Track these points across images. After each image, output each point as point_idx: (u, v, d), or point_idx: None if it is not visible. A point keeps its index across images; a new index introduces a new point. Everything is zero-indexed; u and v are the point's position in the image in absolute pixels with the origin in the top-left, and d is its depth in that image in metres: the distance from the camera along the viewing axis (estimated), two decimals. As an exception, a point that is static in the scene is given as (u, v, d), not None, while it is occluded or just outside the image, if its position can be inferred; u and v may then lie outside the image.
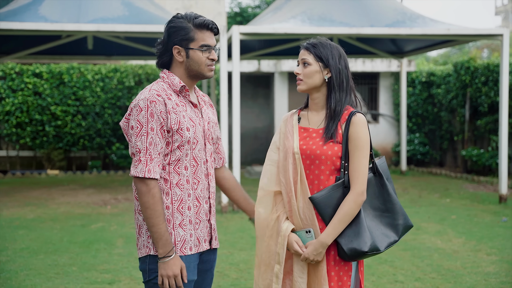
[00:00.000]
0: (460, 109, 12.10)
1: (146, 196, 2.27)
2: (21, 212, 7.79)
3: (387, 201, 2.50)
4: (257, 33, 7.94)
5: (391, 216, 2.50)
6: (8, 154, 12.72)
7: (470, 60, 11.75)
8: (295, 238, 2.43)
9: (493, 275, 4.89)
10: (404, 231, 2.53)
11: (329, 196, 2.40)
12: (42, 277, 4.82)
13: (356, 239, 2.37)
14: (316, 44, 2.51)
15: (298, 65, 2.54)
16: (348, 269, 2.46)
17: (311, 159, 2.44)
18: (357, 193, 2.39)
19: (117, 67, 12.66)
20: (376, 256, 5.48)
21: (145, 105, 2.29)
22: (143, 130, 2.28)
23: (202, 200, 2.45)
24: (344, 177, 2.42)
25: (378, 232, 2.45)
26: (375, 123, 14.02)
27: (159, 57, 2.45)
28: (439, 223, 7.09)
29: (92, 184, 10.74)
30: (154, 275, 2.35)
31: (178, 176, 2.37)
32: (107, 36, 9.38)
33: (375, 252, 2.41)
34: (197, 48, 2.39)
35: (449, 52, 26.24)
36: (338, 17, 8.41)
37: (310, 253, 2.39)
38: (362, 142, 2.42)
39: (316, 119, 2.53)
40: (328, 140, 2.43)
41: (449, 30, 8.26)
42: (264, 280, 2.51)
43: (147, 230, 2.37)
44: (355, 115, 2.45)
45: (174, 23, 2.39)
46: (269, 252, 2.50)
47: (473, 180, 10.78)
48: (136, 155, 2.29)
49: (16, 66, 12.33)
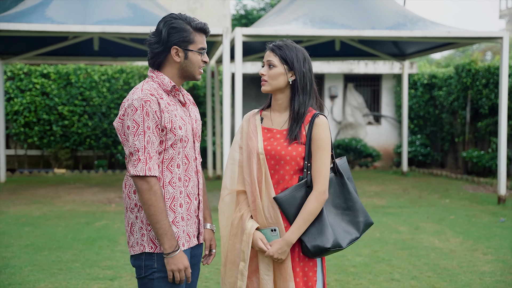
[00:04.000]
0: (461, 111, 12.16)
1: (148, 194, 2.29)
2: (28, 210, 7.94)
3: (348, 199, 2.56)
4: (260, 35, 8.05)
5: (352, 214, 2.55)
6: (16, 153, 12.90)
7: (471, 63, 11.81)
8: (260, 235, 2.47)
9: (488, 274, 4.96)
10: (364, 228, 2.59)
11: (292, 195, 2.45)
12: (46, 273, 4.94)
13: (319, 236, 2.42)
14: (282, 46, 2.53)
15: (263, 66, 2.56)
16: (313, 265, 2.50)
17: (276, 159, 2.47)
18: (319, 192, 2.44)
19: (123, 68, 12.81)
20: (373, 255, 5.58)
21: (139, 104, 2.30)
22: (140, 129, 2.29)
23: (192, 196, 2.49)
24: (307, 177, 2.47)
25: (340, 229, 2.50)
26: (377, 125, 14.10)
27: (155, 56, 2.43)
28: (437, 223, 7.17)
29: (97, 183, 10.89)
30: (151, 271, 2.37)
31: (171, 174, 2.40)
32: (113, 38, 9.52)
33: (337, 248, 2.45)
34: (196, 51, 2.43)
35: (453, 54, 26.24)
36: (339, 20, 8.51)
37: (275, 251, 2.42)
38: (324, 143, 2.47)
39: (279, 120, 2.56)
40: (292, 141, 2.47)
41: (450, 33, 8.35)
42: (230, 278, 2.54)
43: (140, 228, 2.39)
44: (318, 117, 2.50)
45: (175, 24, 2.39)
46: (234, 250, 2.53)
47: (473, 181, 10.85)
48: (135, 154, 2.30)
49: (24, 66, 12.51)
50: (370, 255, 5.62)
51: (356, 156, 13.60)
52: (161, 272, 2.38)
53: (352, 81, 14.13)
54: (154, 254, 2.38)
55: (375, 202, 8.72)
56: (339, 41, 9.98)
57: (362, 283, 4.73)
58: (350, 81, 14.12)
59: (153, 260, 2.38)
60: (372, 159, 13.60)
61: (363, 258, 5.51)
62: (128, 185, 2.44)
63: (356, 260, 5.43)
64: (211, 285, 4.66)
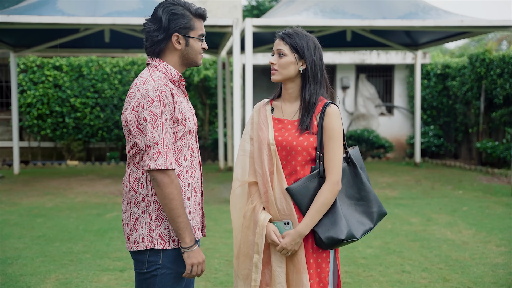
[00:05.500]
0: (475, 101, 12.03)
1: (170, 187, 2.21)
2: (40, 201, 8.00)
3: (361, 189, 2.51)
4: (270, 25, 8.00)
5: (366, 204, 2.51)
6: (30, 145, 13.01)
7: (485, 52, 11.66)
8: (273, 228, 2.43)
9: (501, 266, 4.89)
10: (378, 218, 2.54)
11: (305, 186, 2.41)
12: (57, 264, 4.98)
13: (333, 227, 2.39)
14: (292, 34, 2.48)
15: (273, 55, 2.52)
16: (326, 256, 2.47)
17: (287, 150, 2.43)
18: (333, 182, 2.40)
19: (134, 60, 12.84)
20: (384, 247, 5.54)
21: (156, 95, 2.21)
22: (158, 121, 2.20)
23: (197, 189, 2.42)
24: (319, 168, 2.42)
25: (353, 220, 2.46)
26: (390, 115, 14.00)
27: (156, 44, 2.34)
28: (450, 214, 7.10)
29: (110, 174, 10.95)
30: (154, 267, 2.31)
31: (179, 167, 2.32)
32: (123, 29, 9.52)
33: (351, 240, 2.42)
34: (197, 37, 2.36)
35: (468, 44, 25.94)
36: (350, 10, 8.44)
37: (288, 243, 2.39)
38: (336, 133, 2.42)
39: (290, 110, 2.52)
40: (304, 131, 2.43)
41: (463, 22, 8.23)
42: (243, 270, 2.51)
43: (148, 223, 2.31)
44: (329, 106, 2.45)
45: (175, 10, 2.32)
46: (247, 242, 2.50)
47: (487, 172, 10.74)
48: (153, 147, 2.19)
49: (37, 59, 12.58)
50: (381, 246, 5.58)
51: (368, 147, 13.51)
52: (165, 269, 2.32)
53: (364, 71, 14.02)
54: (161, 250, 2.31)
55: (387, 194, 8.66)
56: (350, 31, 9.89)
57: (373, 275, 4.70)
58: (362, 71, 14.01)
59: (159, 257, 2.31)
60: (385, 150, 13.51)
61: (373, 249, 5.47)
62: (133, 178, 2.34)
63: (366, 251, 5.40)
64: (220, 277, 4.66)
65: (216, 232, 6.19)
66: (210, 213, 7.16)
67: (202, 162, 12.90)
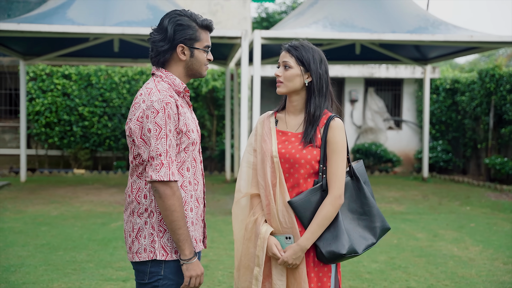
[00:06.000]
0: (484, 117, 11.96)
1: (172, 199, 2.21)
2: (46, 209, 8.00)
3: (364, 204, 2.49)
4: (279, 37, 8.01)
5: (369, 219, 2.49)
6: (37, 153, 13.05)
7: (495, 68, 11.61)
8: (274, 241, 2.42)
9: (508, 284, 4.83)
10: (381, 233, 2.52)
11: (307, 199, 2.39)
12: (60, 273, 4.96)
13: (334, 242, 2.37)
14: (298, 47, 2.48)
15: (278, 67, 2.51)
16: (327, 270, 2.45)
17: (290, 163, 2.42)
18: (335, 196, 2.38)
19: (143, 70, 12.89)
20: (390, 262, 5.48)
21: (160, 106, 2.21)
22: (162, 133, 2.20)
23: (200, 200, 2.42)
24: (322, 181, 2.41)
25: (356, 235, 2.44)
26: (398, 130, 13.95)
27: (161, 54, 2.34)
28: (457, 230, 7.03)
29: (116, 183, 10.95)
30: (156, 278, 2.30)
31: (182, 178, 2.32)
32: (132, 39, 9.57)
33: (353, 255, 2.40)
34: (202, 49, 2.37)
35: (478, 59, 25.87)
36: (359, 23, 8.44)
37: (289, 257, 2.37)
38: (340, 147, 2.41)
39: (294, 123, 2.51)
40: (307, 144, 2.42)
41: (472, 37, 8.21)
42: (244, 283, 2.50)
43: (150, 234, 2.30)
44: (333, 119, 2.44)
45: (181, 21, 2.32)
46: (248, 255, 2.49)
47: (495, 188, 10.64)
48: (157, 159, 2.20)
49: (46, 67, 12.66)
50: (386, 261, 5.53)
51: (376, 161, 13.45)
52: (166, 280, 2.31)
53: (373, 85, 14.00)
54: (163, 261, 2.30)
55: (393, 208, 8.60)
56: (359, 44, 9.89)
57: (378, 291, 4.65)
58: (371, 85, 13.99)
59: (160, 267, 2.31)
60: (392, 164, 13.45)
61: (379, 264, 5.42)
62: (136, 188, 2.35)
63: (371, 266, 5.34)
64: (223, 289, 4.62)
65: (221, 243, 6.16)
66: (215, 224, 7.13)
67: (209, 173, 12.88)
